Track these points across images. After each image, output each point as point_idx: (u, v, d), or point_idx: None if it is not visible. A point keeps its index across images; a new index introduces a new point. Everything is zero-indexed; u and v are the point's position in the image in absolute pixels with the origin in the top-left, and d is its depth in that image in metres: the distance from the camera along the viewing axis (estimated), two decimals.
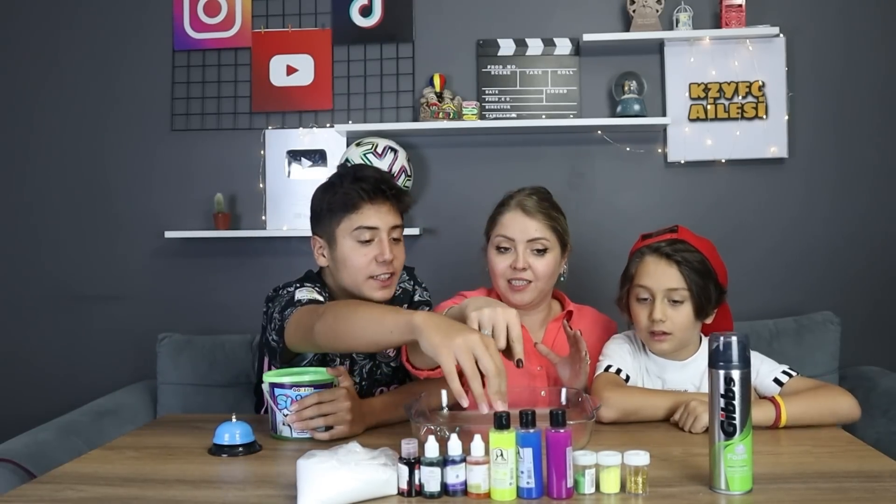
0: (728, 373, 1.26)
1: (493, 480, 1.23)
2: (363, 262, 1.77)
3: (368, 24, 2.97)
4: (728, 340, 1.27)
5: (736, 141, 2.84)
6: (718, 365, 1.27)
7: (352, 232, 1.77)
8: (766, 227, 2.87)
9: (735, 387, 1.25)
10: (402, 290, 1.96)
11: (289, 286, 1.80)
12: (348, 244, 1.77)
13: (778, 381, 1.73)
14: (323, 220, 1.80)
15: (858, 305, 2.82)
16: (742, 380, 1.26)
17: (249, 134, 3.00)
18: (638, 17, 2.82)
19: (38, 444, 1.99)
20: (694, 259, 1.76)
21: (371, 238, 1.77)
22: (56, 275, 3.05)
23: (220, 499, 1.31)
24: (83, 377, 2.95)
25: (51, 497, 1.31)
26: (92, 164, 3.05)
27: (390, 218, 1.81)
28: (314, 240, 1.84)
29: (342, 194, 1.77)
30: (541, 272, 1.90)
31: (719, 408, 1.26)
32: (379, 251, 1.77)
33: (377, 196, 1.78)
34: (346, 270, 1.78)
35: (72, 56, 3.05)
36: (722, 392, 1.26)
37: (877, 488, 1.26)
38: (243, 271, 2.97)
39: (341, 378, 1.65)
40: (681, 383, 1.81)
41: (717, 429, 1.26)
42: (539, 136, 2.92)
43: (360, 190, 1.76)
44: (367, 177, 1.78)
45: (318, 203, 1.82)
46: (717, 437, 1.26)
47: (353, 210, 1.76)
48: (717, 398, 1.27)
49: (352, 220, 1.76)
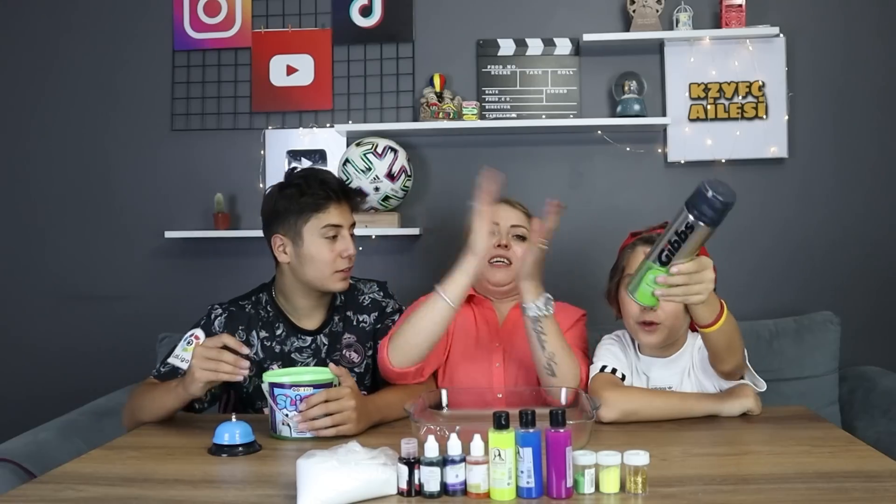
0: (696, 222, 1.33)
1: (492, 480, 1.23)
2: (330, 257, 1.91)
3: (368, 24, 2.97)
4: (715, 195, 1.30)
5: (736, 141, 2.84)
6: (693, 210, 1.32)
7: (320, 229, 1.91)
8: (766, 227, 2.87)
9: (691, 234, 1.34)
10: (372, 300, 2.06)
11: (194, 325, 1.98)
12: (316, 241, 1.91)
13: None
14: (288, 220, 1.93)
15: (858, 305, 2.82)
16: (700, 233, 1.33)
17: (249, 134, 3.00)
18: (638, 17, 2.82)
19: (38, 444, 1.98)
20: None
21: (335, 235, 1.93)
22: (56, 274, 3.06)
23: (220, 499, 1.31)
24: (83, 377, 2.95)
25: (51, 497, 1.32)
26: (92, 164, 3.05)
27: (349, 216, 1.98)
28: (275, 238, 1.96)
29: (311, 195, 1.91)
30: (520, 254, 1.97)
31: (668, 239, 1.37)
32: (343, 247, 1.93)
33: (342, 197, 1.95)
34: (313, 265, 1.92)
35: (72, 56, 3.05)
36: (679, 230, 1.35)
37: (877, 488, 1.26)
38: (243, 271, 2.96)
39: (343, 377, 1.66)
40: (664, 380, 1.82)
41: (657, 251, 1.39)
42: (539, 136, 2.92)
43: (328, 191, 1.92)
44: (331, 180, 1.96)
45: (281, 203, 1.95)
46: (652, 258, 1.40)
47: (321, 210, 1.91)
48: (672, 231, 1.36)
49: (320, 219, 1.91)
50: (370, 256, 2.91)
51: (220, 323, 1.97)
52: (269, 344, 1.97)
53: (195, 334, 1.94)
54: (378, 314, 2.04)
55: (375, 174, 2.73)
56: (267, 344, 1.97)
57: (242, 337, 1.96)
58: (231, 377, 1.63)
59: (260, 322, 1.99)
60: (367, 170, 2.73)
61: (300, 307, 1.99)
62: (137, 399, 1.83)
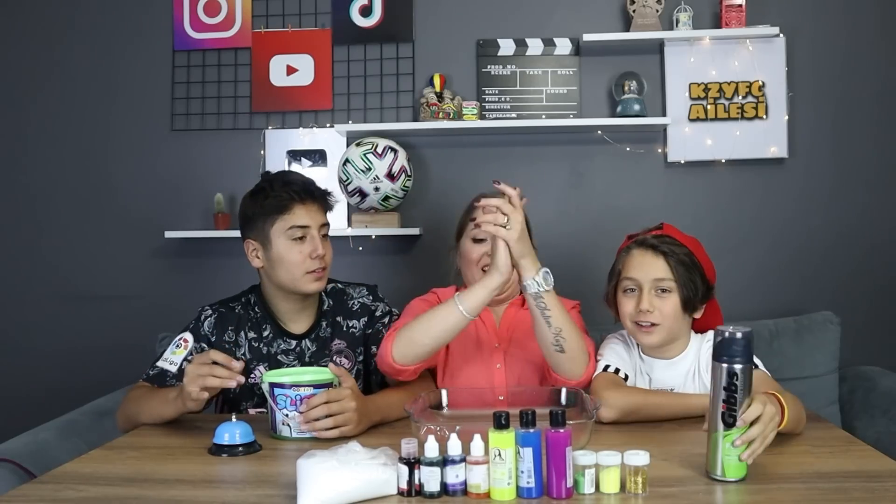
0: (731, 367, 1.30)
1: (492, 480, 1.23)
2: (299, 258, 1.90)
3: (368, 24, 2.97)
4: (734, 334, 1.30)
5: (736, 141, 2.84)
6: (722, 358, 1.31)
7: (286, 231, 1.90)
8: (765, 226, 2.87)
9: (738, 381, 1.29)
10: (361, 305, 2.05)
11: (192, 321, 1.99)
12: (283, 243, 1.91)
13: None
14: (256, 224, 1.94)
15: (858, 305, 2.82)
16: (744, 373, 1.30)
17: (249, 134, 3.00)
18: (638, 17, 2.82)
19: (38, 444, 1.98)
20: (680, 251, 1.78)
21: (303, 236, 1.91)
22: (56, 274, 3.05)
23: (220, 499, 1.31)
24: (83, 377, 2.95)
25: (51, 497, 1.32)
26: (92, 164, 3.05)
27: (319, 217, 1.95)
28: (247, 243, 1.97)
29: (274, 197, 1.91)
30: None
31: (721, 400, 1.31)
32: (312, 248, 1.90)
33: (307, 197, 1.93)
34: (283, 267, 1.91)
35: (72, 56, 3.05)
36: (725, 385, 1.30)
37: (877, 488, 1.26)
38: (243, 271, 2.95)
39: (343, 378, 1.66)
40: (666, 381, 1.82)
41: (718, 419, 1.31)
42: (539, 136, 2.92)
43: (291, 192, 1.91)
44: (295, 181, 1.95)
45: (250, 208, 1.95)
46: (718, 427, 1.31)
47: (285, 211, 1.90)
48: (720, 390, 1.31)
49: (285, 221, 1.90)
50: (370, 256, 2.92)
51: (209, 325, 1.97)
52: (257, 345, 1.97)
53: (184, 338, 1.94)
54: (368, 319, 2.03)
55: (375, 174, 2.73)
56: (255, 345, 1.97)
57: (231, 338, 1.96)
58: (223, 384, 1.62)
59: (249, 322, 1.99)
60: (367, 170, 2.73)
61: (284, 310, 1.99)
62: (134, 405, 1.83)
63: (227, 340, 1.96)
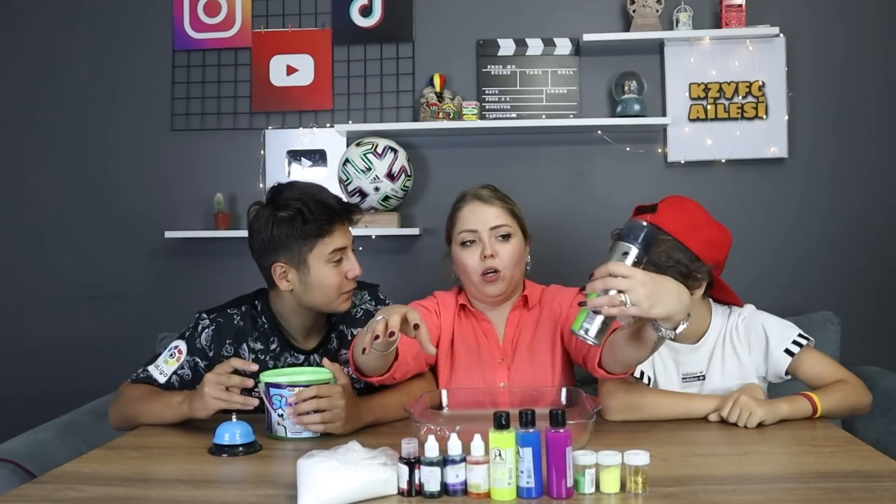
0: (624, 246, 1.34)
1: (492, 480, 1.23)
2: (337, 281, 1.82)
3: (368, 24, 2.97)
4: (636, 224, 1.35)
5: (736, 141, 2.84)
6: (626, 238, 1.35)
7: (327, 255, 1.81)
8: (765, 227, 2.87)
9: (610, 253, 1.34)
10: (364, 311, 1.97)
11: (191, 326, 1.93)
12: (322, 267, 1.81)
13: (789, 351, 1.79)
14: (291, 248, 1.81)
15: (858, 305, 2.82)
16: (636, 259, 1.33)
17: (249, 134, 3.00)
18: (638, 17, 2.82)
19: (38, 444, 1.98)
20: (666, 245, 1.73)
21: (341, 258, 1.84)
22: (56, 274, 3.05)
23: (220, 499, 1.31)
24: (83, 377, 2.95)
25: (51, 497, 1.32)
26: (92, 164, 3.05)
27: (350, 233, 1.88)
28: (276, 267, 1.83)
29: (314, 222, 1.79)
30: (507, 258, 1.88)
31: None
32: (350, 267, 1.84)
33: (343, 217, 1.85)
34: (320, 291, 1.82)
35: (72, 56, 3.05)
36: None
37: (877, 488, 1.26)
38: (243, 271, 2.95)
39: (338, 374, 1.65)
40: (694, 366, 1.82)
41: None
42: (539, 136, 2.92)
43: (331, 214, 1.81)
44: (330, 202, 1.83)
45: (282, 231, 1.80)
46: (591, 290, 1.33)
47: (325, 234, 1.81)
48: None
49: (325, 245, 1.81)
50: (370, 256, 2.91)
51: (206, 336, 1.89)
52: (263, 357, 1.89)
53: (178, 347, 1.88)
54: None
55: (375, 174, 2.73)
56: (261, 357, 1.89)
57: (230, 351, 1.88)
58: (243, 406, 1.62)
59: (255, 332, 1.91)
60: (367, 170, 2.73)
61: (297, 327, 1.91)
62: (132, 405, 1.81)
63: (224, 355, 1.87)
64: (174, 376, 1.86)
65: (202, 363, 1.88)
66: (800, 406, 1.66)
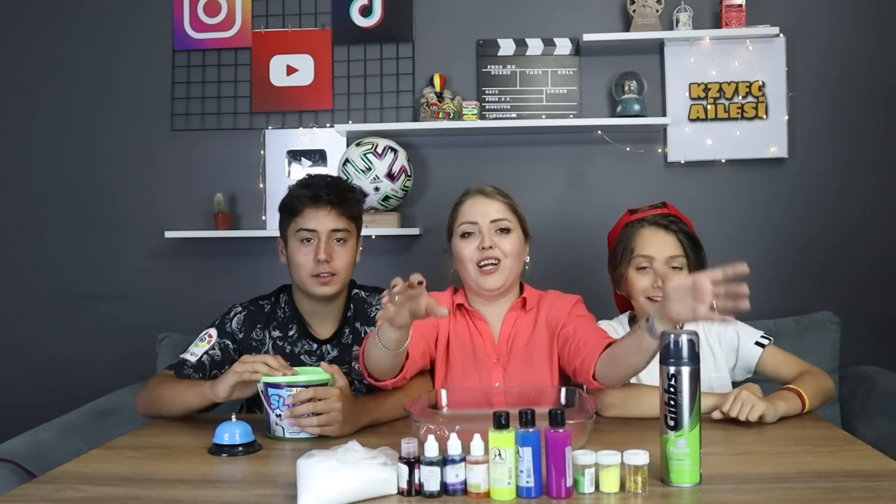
0: (668, 369, 1.30)
1: (492, 480, 1.23)
2: (304, 261, 1.92)
3: (368, 24, 2.97)
4: (677, 336, 1.31)
5: (736, 141, 2.84)
6: (668, 361, 1.31)
7: (296, 233, 1.94)
8: (765, 227, 2.87)
9: (679, 383, 1.29)
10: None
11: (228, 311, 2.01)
12: (294, 244, 1.94)
13: (759, 343, 1.91)
14: (281, 222, 1.99)
15: (858, 305, 2.81)
16: (690, 376, 1.30)
17: (249, 134, 3.00)
18: (638, 17, 2.82)
19: (38, 444, 1.98)
20: (687, 229, 1.91)
21: (310, 238, 1.93)
22: (56, 274, 3.05)
23: (220, 499, 1.31)
24: (83, 377, 2.95)
25: (51, 497, 1.32)
26: (92, 164, 3.05)
27: (329, 222, 1.93)
28: (280, 241, 2.02)
29: (289, 199, 1.96)
30: (507, 250, 1.90)
31: (663, 402, 1.31)
32: (315, 252, 1.91)
33: (318, 201, 1.92)
34: (294, 268, 1.95)
35: (72, 56, 3.05)
36: (665, 387, 1.30)
37: (877, 488, 1.26)
38: (243, 271, 2.97)
39: (336, 376, 1.66)
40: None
41: (662, 422, 1.31)
42: (539, 136, 2.92)
43: (302, 196, 1.93)
44: (312, 184, 1.96)
45: (280, 207, 2.00)
46: (662, 430, 1.31)
47: (296, 213, 1.93)
48: (663, 393, 1.31)
49: (296, 223, 1.94)
50: (370, 256, 2.91)
51: (238, 322, 1.99)
52: (282, 344, 1.98)
53: (209, 333, 1.96)
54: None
55: (375, 174, 2.73)
56: (280, 344, 1.98)
57: (259, 336, 1.98)
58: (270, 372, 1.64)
59: (276, 321, 2.00)
60: (367, 170, 2.73)
61: (308, 311, 2.00)
62: (160, 389, 1.84)
63: (254, 338, 1.98)
64: (205, 356, 1.92)
65: (232, 346, 1.96)
66: (794, 403, 1.71)
